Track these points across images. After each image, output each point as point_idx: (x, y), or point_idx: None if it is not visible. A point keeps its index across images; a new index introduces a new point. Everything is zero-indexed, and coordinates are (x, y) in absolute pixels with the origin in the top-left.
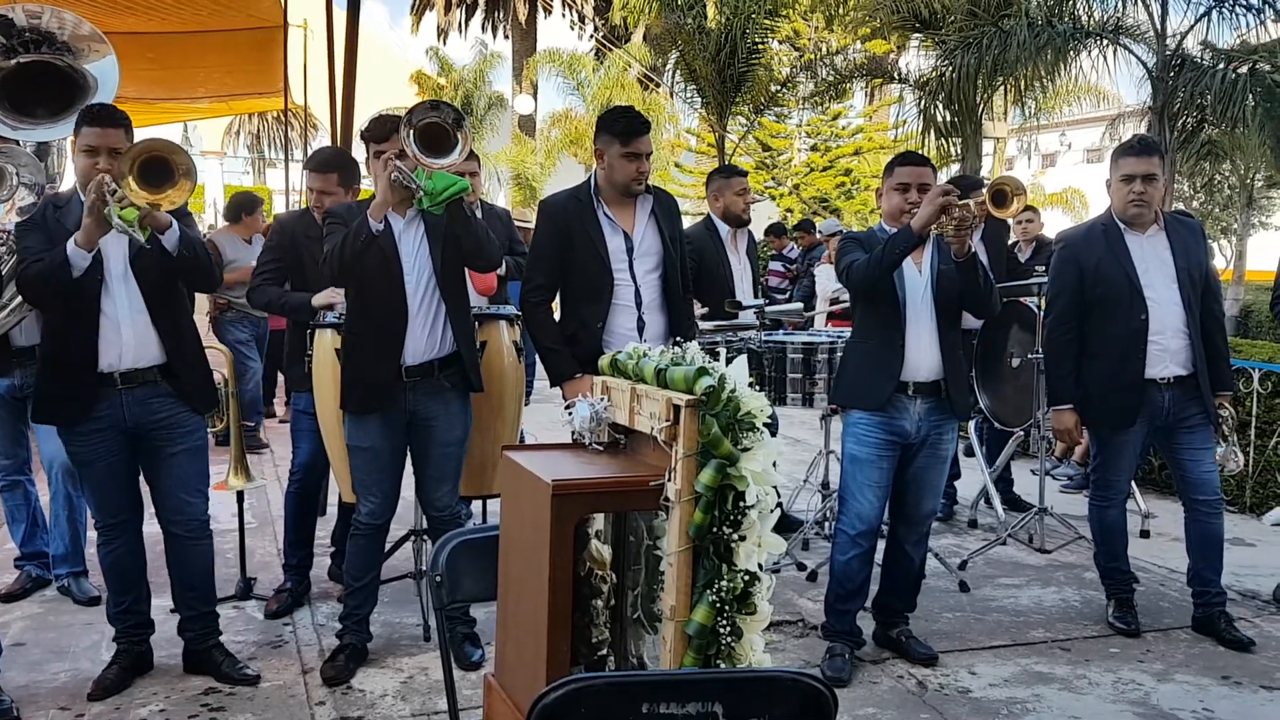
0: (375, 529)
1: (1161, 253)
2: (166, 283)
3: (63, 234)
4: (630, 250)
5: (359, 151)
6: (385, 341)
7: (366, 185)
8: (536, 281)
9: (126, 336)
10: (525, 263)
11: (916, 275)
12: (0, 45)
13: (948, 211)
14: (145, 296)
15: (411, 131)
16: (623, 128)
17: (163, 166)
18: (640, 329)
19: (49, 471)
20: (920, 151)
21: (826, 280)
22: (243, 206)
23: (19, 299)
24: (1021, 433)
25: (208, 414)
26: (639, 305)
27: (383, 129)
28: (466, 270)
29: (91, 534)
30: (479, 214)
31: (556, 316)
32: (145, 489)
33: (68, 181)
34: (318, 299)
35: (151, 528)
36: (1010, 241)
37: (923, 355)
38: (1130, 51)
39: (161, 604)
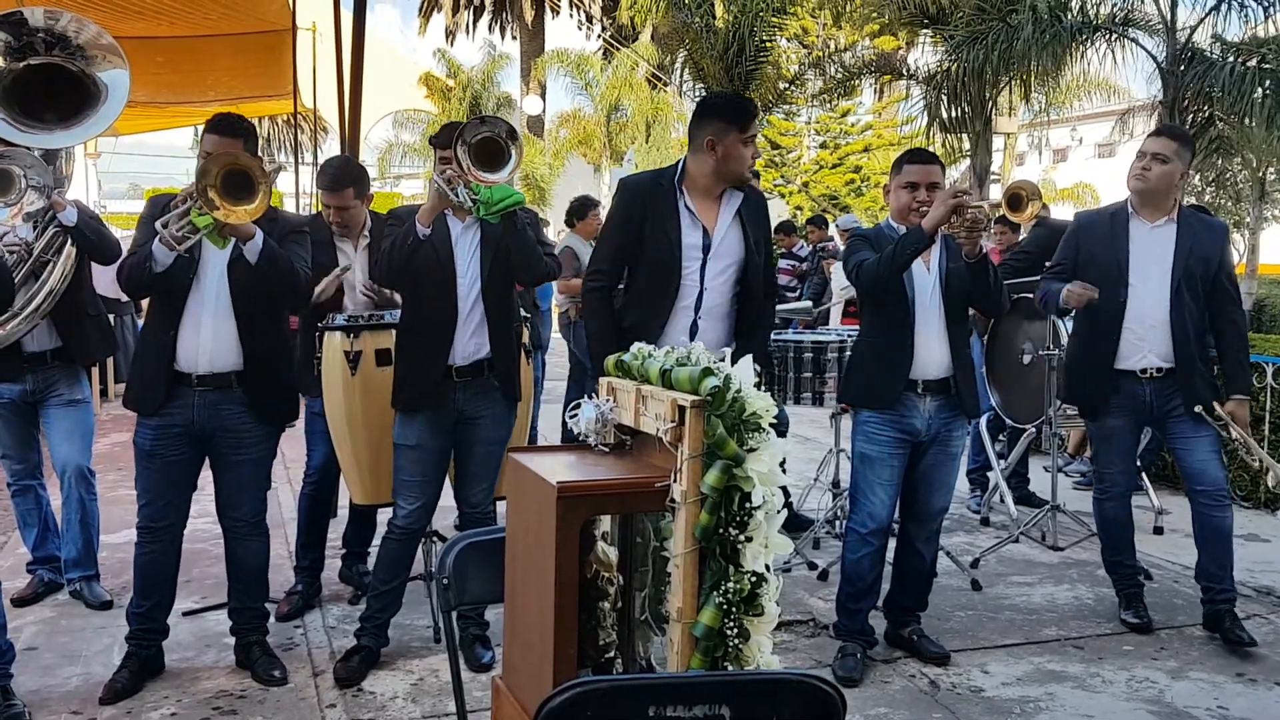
0: (410, 534)
1: (1164, 243)
2: (258, 293)
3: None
4: (707, 249)
5: (371, 155)
6: (435, 342)
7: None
8: (599, 266)
9: (206, 338)
10: (594, 249)
11: (925, 274)
12: (10, 45)
13: (960, 212)
14: (234, 303)
15: (467, 149)
16: (742, 112)
17: (246, 180)
18: (692, 334)
19: (61, 476)
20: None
21: (843, 275)
22: (580, 210)
23: (31, 306)
24: (1034, 429)
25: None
26: (697, 309)
27: (449, 136)
28: None
29: (104, 537)
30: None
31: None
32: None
33: (76, 185)
34: (319, 286)
35: (189, 530)
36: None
37: (932, 353)
38: (1139, 45)
39: (176, 606)
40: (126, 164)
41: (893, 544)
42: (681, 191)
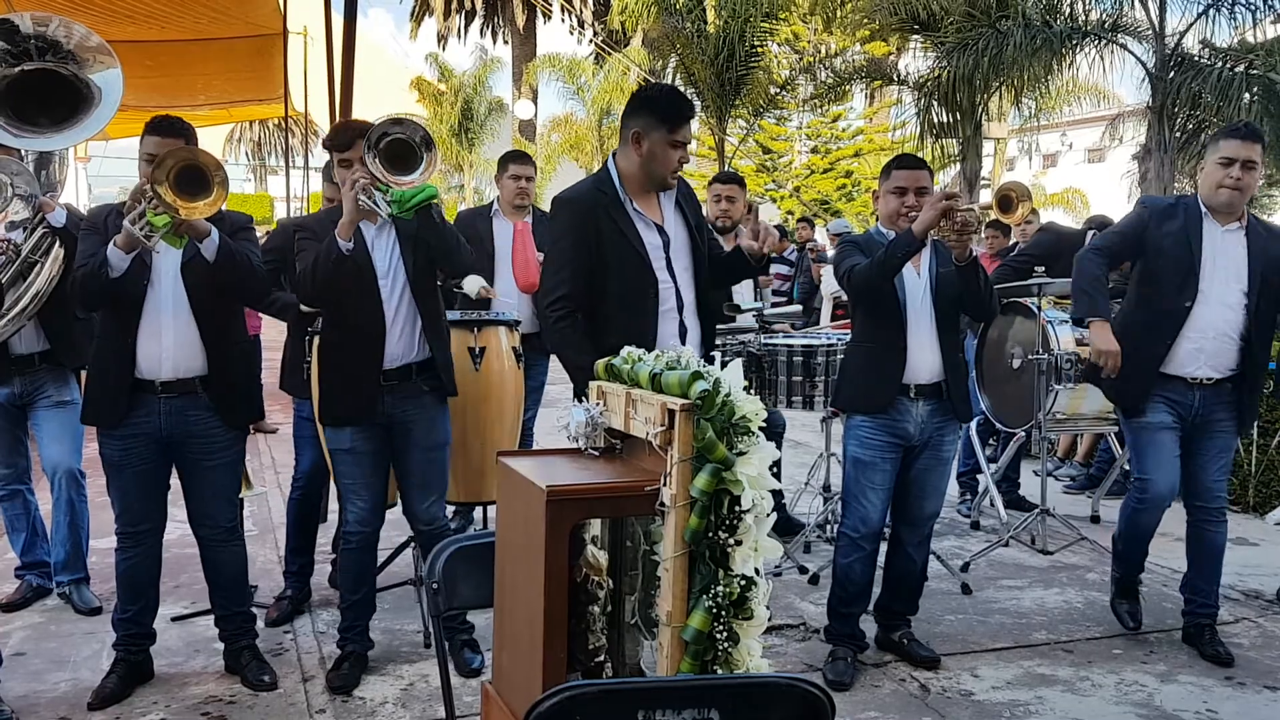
0: (365, 538)
1: (1235, 249)
2: (216, 293)
3: None
4: (666, 245)
5: None
6: (364, 350)
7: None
8: (557, 293)
9: (168, 344)
10: (544, 270)
11: (916, 278)
12: (5, 51)
13: (949, 216)
14: (193, 305)
15: (375, 152)
16: (671, 112)
17: (199, 177)
18: (683, 336)
19: (51, 478)
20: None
21: (831, 279)
22: None
23: (18, 308)
24: (1023, 434)
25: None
26: (680, 309)
27: (343, 137)
28: (511, 268)
29: (94, 542)
30: (528, 219)
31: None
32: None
33: (68, 190)
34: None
35: (169, 536)
36: (1011, 243)
37: (924, 357)
38: (1129, 51)
39: (164, 612)
40: (116, 168)
41: (884, 548)
42: (625, 194)
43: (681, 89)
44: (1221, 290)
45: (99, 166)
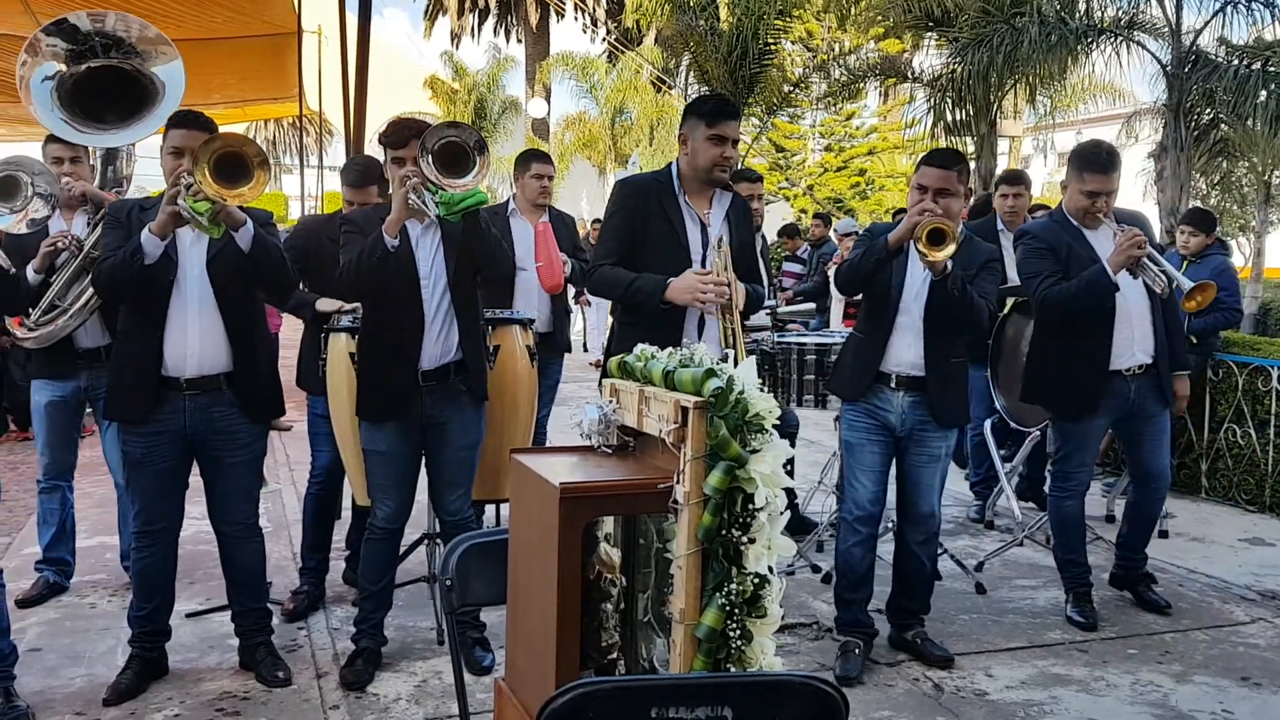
0: (390, 533)
1: (1109, 245)
2: (242, 289)
3: None
4: (705, 243)
5: (376, 155)
6: (402, 348)
7: None
8: (602, 261)
9: (193, 340)
10: (595, 244)
11: (918, 273)
12: (68, 50)
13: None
14: (219, 301)
15: (429, 154)
16: (709, 108)
17: (239, 164)
18: (700, 329)
19: (114, 473)
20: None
21: None
22: None
23: (81, 301)
24: (1038, 433)
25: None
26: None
27: (400, 135)
28: (536, 268)
29: (81, 541)
30: (546, 218)
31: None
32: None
33: (134, 186)
34: (321, 304)
35: (185, 533)
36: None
37: (904, 349)
38: (1144, 48)
39: (179, 608)
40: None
41: (893, 547)
42: (679, 188)
43: (694, 87)
44: (1124, 280)
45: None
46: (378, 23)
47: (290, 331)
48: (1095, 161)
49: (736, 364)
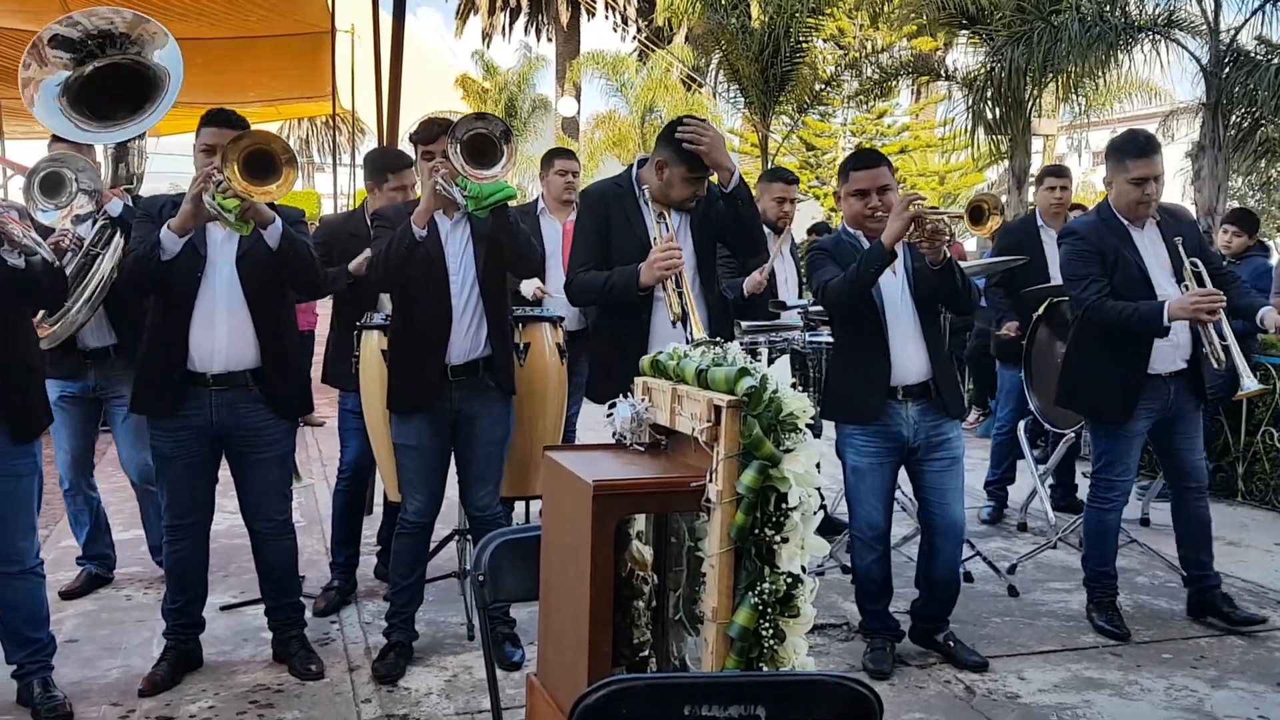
0: (421, 527)
1: (1157, 246)
2: (271, 285)
3: None
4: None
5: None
6: (430, 342)
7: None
8: (578, 272)
9: (220, 336)
10: (570, 255)
11: (892, 277)
12: (71, 57)
13: (919, 222)
14: (248, 298)
15: (458, 144)
16: (695, 161)
17: (268, 161)
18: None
19: (128, 472)
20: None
21: None
22: None
23: (84, 296)
24: (1073, 434)
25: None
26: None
27: (430, 131)
28: (563, 268)
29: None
30: (573, 216)
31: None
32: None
33: (148, 183)
34: (353, 265)
35: (218, 527)
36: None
37: (910, 358)
38: (1183, 46)
39: (213, 601)
40: (167, 164)
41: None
42: (641, 190)
43: (725, 86)
44: (1167, 286)
45: (150, 163)
46: (410, 21)
47: (324, 328)
48: (1135, 147)
49: (692, 335)
